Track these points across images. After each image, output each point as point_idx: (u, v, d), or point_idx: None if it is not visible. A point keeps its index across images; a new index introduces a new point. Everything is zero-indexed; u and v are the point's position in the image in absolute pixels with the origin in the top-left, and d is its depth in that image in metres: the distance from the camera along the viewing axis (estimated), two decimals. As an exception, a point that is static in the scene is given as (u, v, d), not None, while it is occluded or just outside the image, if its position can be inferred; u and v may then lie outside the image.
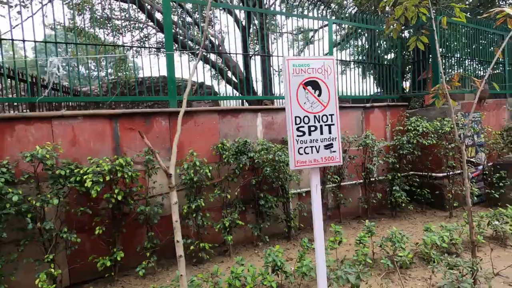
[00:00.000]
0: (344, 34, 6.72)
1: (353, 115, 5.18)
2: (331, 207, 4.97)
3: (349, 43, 7.41)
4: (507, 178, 4.98)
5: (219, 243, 3.93)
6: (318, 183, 1.93)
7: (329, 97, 1.88)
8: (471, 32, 6.45)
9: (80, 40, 8.44)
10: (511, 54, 7.04)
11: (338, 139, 1.91)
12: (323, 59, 1.86)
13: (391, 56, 6.59)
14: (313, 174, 1.92)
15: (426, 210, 5.27)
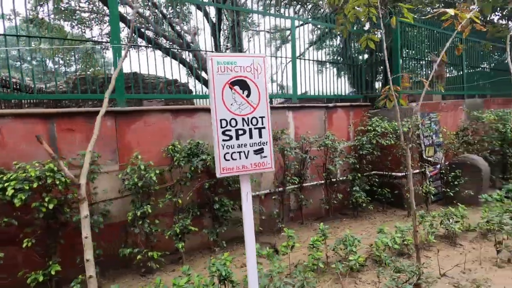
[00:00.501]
0: (320, 34, 6.73)
1: (316, 115, 5.13)
2: (293, 208, 4.89)
3: (324, 43, 7.40)
4: (462, 177, 5.14)
5: (171, 251, 3.72)
6: (248, 191, 1.79)
7: (259, 98, 1.74)
8: (437, 35, 6.62)
9: (43, 33, 7.83)
10: (469, 56, 7.32)
11: (270, 144, 1.78)
12: (252, 56, 1.72)
13: (366, 56, 6.64)
14: (243, 182, 1.78)
15: (387, 209, 5.33)
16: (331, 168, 4.60)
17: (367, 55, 6.83)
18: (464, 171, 5.18)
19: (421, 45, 6.68)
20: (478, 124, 5.69)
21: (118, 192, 3.39)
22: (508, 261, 3.08)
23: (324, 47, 7.47)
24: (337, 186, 5.08)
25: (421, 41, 6.54)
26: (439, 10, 2.44)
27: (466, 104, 6.74)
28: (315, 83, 5.46)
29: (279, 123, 4.71)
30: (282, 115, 4.77)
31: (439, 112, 6.06)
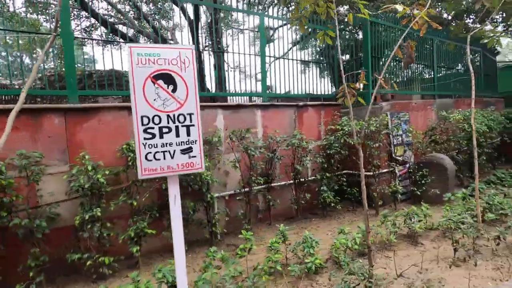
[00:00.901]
0: (303, 34, 6.64)
1: (286, 114, 5.05)
2: (261, 209, 4.79)
3: (306, 43, 7.30)
4: (429, 176, 5.19)
5: (127, 255, 3.54)
6: (176, 193, 1.66)
7: (188, 94, 1.61)
8: (414, 36, 6.68)
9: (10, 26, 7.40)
10: (439, 57, 7.44)
11: (199, 142, 1.66)
12: (179, 48, 1.58)
13: (348, 56, 6.61)
14: (170, 184, 1.65)
15: (356, 208, 5.33)
16: (298, 168, 4.53)
17: (348, 55, 6.83)
18: (431, 170, 5.24)
19: (390, 45, 6.73)
20: (446, 124, 5.78)
21: (65, 194, 3.19)
22: (464, 260, 3.09)
23: (307, 47, 7.39)
24: (307, 186, 5.02)
25: (395, 40, 6.57)
26: (390, 6, 2.39)
27: (437, 104, 6.85)
28: (289, 82, 5.39)
29: (247, 122, 4.60)
30: (250, 113, 4.66)
31: (410, 112, 6.12)
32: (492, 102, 9.08)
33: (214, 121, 4.32)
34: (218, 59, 9.00)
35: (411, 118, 6.08)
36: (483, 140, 6.31)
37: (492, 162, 7.73)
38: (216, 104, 4.37)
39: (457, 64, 8.43)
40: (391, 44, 6.52)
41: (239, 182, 4.32)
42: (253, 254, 3.66)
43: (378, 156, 4.83)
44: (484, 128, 6.00)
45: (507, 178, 6.26)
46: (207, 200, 3.91)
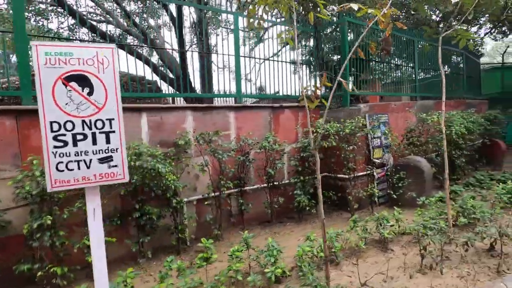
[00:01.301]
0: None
1: (260, 115, 4.93)
2: (234, 213, 4.66)
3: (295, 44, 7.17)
4: (406, 179, 5.13)
5: (85, 265, 3.37)
6: (96, 207, 1.52)
7: (107, 97, 1.47)
8: (398, 37, 6.63)
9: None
10: (421, 59, 7.42)
11: (122, 150, 1.51)
12: (96, 47, 1.44)
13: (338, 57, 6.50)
14: (88, 196, 1.51)
15: (333, 212, 5.24)
16: (270, 172, 4.41)
17: (338, 56, 6.74)
18: (408, 173, 5.18)
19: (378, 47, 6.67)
20: (424, 126, 5.73)
21: (13, 201, 3.01)
22: (431, 267, 3.01)
23: (298, 47, 7.25)
24: (283, 190, 4.92)
25: (377, 42, 6.51)
26: (347, 5, 2.28)
27: (417, 106, 6.81)
28: (266, 82, 5.28)
29: (219, 124, 4.46)
30: (222, 115, 4.53)
31: (390, 114, 6.06)
32: (475, 103, 9.11)
33: (183, 123, 4.17)
34: (202, 60, 8.86)
35: (391, 120, 6.02)
36: (462, 142, 6.28)
37: (473, 164, 7.74)
38: (185, 106, 4.23)
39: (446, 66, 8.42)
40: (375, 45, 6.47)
41: (208, 186, 4.18)
42: (220, 262, 3.54)
43: (353, 158, 4.74)
44: (463, 130, 5.96)
45: (486, 180, 6.25)
46: (174, 206, 3.76)
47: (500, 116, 8.12)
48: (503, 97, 12.68)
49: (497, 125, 8.43)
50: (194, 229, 4.25)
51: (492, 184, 6.27)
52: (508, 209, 4.62)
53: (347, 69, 5.46)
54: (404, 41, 7.09)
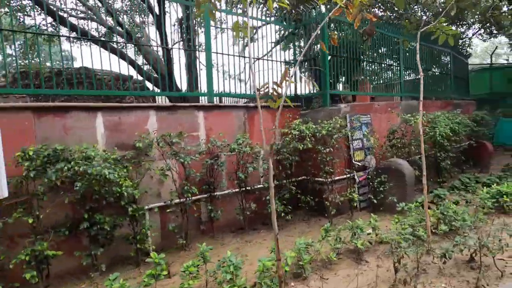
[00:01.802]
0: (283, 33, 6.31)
1: (233, 116, 4.63)
2: (204, 220, 4.35)
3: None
4: (387, 183, 4.88)
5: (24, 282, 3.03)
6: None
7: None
8: (382, 35, 6.39)
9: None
10: (405, 60, 7.21)
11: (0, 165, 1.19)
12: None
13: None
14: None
15: (311, 217, 4.96)
16: (241, 176, 4.11)
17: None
18: (389, 176, 4.94)
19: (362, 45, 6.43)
20: (407, 127, 5.49)
21: None
22: (405, 282, 2.74)
23: (290, 47, 6.93)
24: (258, 194, 4.63)
25: (356, 40, 6.20)
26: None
27: (403, 106, 6.58)
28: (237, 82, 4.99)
29: (186, 124, 4.15)
30: (190, 115, 4.22)
31: (373, 114, 5.82)
32: (463, 104, 8.95)
33: (145, 124, 3.85)
34: (189, 58, 8.50)
35: (374, 121, 5.78)
36: (447, 144, 6.08)
37: (460, 166, 7.56)
38: (147, 105, 3.91)
39: (428, 65, 8.22)
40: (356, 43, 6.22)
41: (172, 192, 3.86)
42: (148, 285, 3.21)
43: (330, 162, 4.47)
44: (448, 131, 5.76)
45: (472, 183, 6.05)
46: (132, 215, 3.44)
47: (486, 117, 7.96)
48: (492, 98, 12.62)
49: (484, 126, 8.28)
50: (158, 239, 3.94)
51: (478, 187, 6.08)
52: (492, 215, 4.40)
53: (327, 67, 5.20)
54: (388, 39, 6.87)
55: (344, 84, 6.59)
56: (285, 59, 5.86)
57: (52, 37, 6.53)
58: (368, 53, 6.50)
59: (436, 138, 5.57)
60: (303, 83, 5.72)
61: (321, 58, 5.26)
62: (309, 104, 5.74)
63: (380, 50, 6.81)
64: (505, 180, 5.88)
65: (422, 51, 7.89)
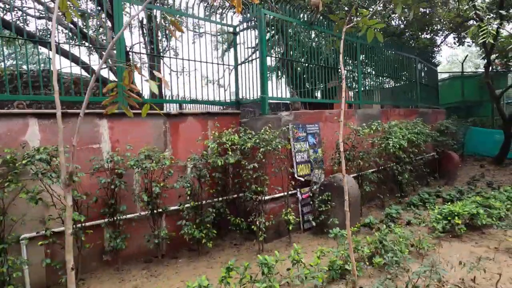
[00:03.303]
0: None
1: (149, 125, 3.98)
2: (108, 249, 3.64)
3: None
4: (329, 202, 4.31)
5: None
6: None
7: None
8: (322, 34, 5.91)
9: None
10: (365, 64, 6.77)
11: None
12: None
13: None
14: None
15: (244, 242, 4.32)
16: (145, 197, 3.44)
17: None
18: (332, 194, 4.37)
19: (310, 45, 5.94)
20: (357, 138, 4.96)
21: None
22: None
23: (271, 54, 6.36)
24: (177, 217, 3.95)
25: (298, 40, 5.65)
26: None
27: (358, 114, 6.10)
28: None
29: (83, 136, 3.48)
30: (89, 125, 3.55)
31: (323, 123, 5.29)
32: (429, 113, 8.59)
33: (23, 135, 3.16)
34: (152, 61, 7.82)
35: (324, 131, 5.24)
36: (404, 156, 5.59)
37: (424, 178, 7.11)
38: (26, 112, 3.22)
39: (394, 72, 7.83)
40: (303, 45, 5.72)
41: (51, 219, 3.15)
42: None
43: (257, 179, 3.86)
44: (403, 142, 5.27)
45: (431, 199, 5.56)
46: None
47: (451, 127, 7.58)
48: (464, 106, 12.44)
49: (449, 136, 7.91)
50: (42, 275, 3.21)
51: (437, 203, 5.60)
52: (442, 239, 3.88)
53: (265, 71, 4.64)
54: (345, 44, 6.42)
55: (293, 90, 6.07)
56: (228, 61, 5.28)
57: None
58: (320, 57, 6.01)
59: (389, 150, 5.07)
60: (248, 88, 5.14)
61: (259, 60, 4.69)
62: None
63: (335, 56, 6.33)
64: (466, 196, 5.43)
65: (388, 57, 7.51)
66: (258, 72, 4.77)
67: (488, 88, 8.91)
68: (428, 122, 8.12)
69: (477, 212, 3.96)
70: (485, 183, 7.02)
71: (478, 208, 4.08)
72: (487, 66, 8.55)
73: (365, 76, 7.38)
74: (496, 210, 4.17)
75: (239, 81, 5.25)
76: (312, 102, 6.29)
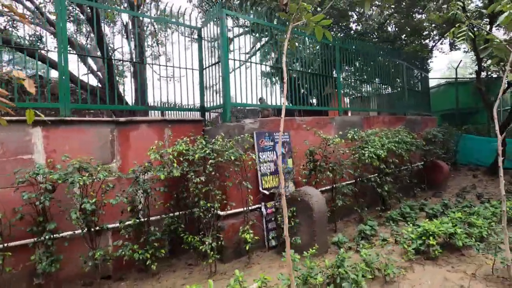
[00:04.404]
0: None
1: (92, 133, 3.64)
2: (41, 272, 3.26)
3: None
4: (294, 218, 3.93)
5: None
6: None
7: None
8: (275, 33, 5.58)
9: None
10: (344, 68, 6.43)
11: None
12: None
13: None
14: None
15: (199, 261, 3.91)
16: (74, 215, 3.07)
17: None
18: (298, 209, 3.99)
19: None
20: (328, 148, 4.58)
21: None
22: None
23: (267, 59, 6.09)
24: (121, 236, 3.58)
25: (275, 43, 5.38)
26: None
27: (337, 122, 5.73)
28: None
29: (12, 145, 3.15)
30: (19, 133, 3.22)
31: (295, 131, 4.93)
32: (419, 120, 8.20)
33: None
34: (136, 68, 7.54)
35: (295, 140, 4.88)
36: (383, 167, 5.20)
37: (410, 190, 6.70)
38: None
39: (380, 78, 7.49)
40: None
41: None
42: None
43: (207, 193, 3.49)
44: (382, 152, 4.89)
45: (412, 213, 5.14)
46: None
47: (439, 135, 7.18)
48: (459, 113, 12.03)
49: (439, 144, 7.51)
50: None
51: (420, 217, 5.19)
52: (416, 262, 3.47)
53: (227, 74, 4.31)
54: (325, 46, 6.11)
55: (263, 97, 5.74)
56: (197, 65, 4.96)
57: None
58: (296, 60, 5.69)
59: (364, 160, 4.69)
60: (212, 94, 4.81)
61: (222, 67, 4.36)
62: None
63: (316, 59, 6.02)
64: (450, 210, 5.01)
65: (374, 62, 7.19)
66: (220, 76, 4.44)
67: (480, 94, 8.53)
68: (416, 130, 7.73)
69: (455, 231, 3.55)
70: (475, 195, 6.58)
71: (457, 227, 3.67)
72: (478, 71, 8.18)
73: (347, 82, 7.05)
74: (477, 229, 3.75)
75: (204, 86, 4.92)
76: (304, 109, 5.97)
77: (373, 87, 7.24)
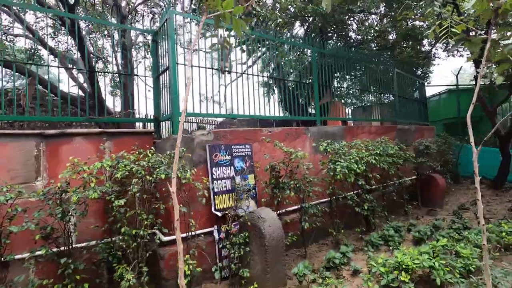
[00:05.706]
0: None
1: (11, 148, 3.20)
2: None
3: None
4: (244, 246, 3.37)
5: None
6: None
7: None
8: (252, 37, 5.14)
9: None
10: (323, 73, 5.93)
11: None
12: None
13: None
14: None
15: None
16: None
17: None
18: (250, 235, 3.43)
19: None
20: (291, 163, 4.02)
21: None
22: None
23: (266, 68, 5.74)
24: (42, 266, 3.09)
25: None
26: None
27: (313, 133, 5.19)
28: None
29: None
30: None
31: (259, 144, 4.42)
32: (412, 130, 7.57)
33: None
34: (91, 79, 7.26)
35: (259, 153, 4.36)
36: (362, 182, 4.61)
37: (402, 207, 6.03)
38: None
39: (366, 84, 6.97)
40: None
41: None
42: None
43: (133, 218, 2.98)
44: (359, 166, 4.32)
45: (396, 236, 4.48)
46: None
47: (433, 147, 6.53)
48: (461, 122, 11.30)
49: (437, 155, 6.85)
50: None
51: (405, 241, 4.54)
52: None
53: (175, 82, 3.86)
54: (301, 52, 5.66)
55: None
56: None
57: None
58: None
59: (336, 176, 4.12)
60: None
61: (170, 70, 3.93)
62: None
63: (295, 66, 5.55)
64: (439, 234, 4.35)
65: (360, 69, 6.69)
66: (169, 84, 4.01)
67: (479, 102, 7.87)
68: (409, 140, 7.11)
69: (434, 264, 2.93)
70: (474, 213, 5.86)
71: (437, 258, 3.04)
72: (476, 77, 7.55)
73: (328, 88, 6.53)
74: (463, 261, 3.11)
75: (160, 95, 4.49)
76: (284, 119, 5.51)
77: (356, 94, 6.70)
